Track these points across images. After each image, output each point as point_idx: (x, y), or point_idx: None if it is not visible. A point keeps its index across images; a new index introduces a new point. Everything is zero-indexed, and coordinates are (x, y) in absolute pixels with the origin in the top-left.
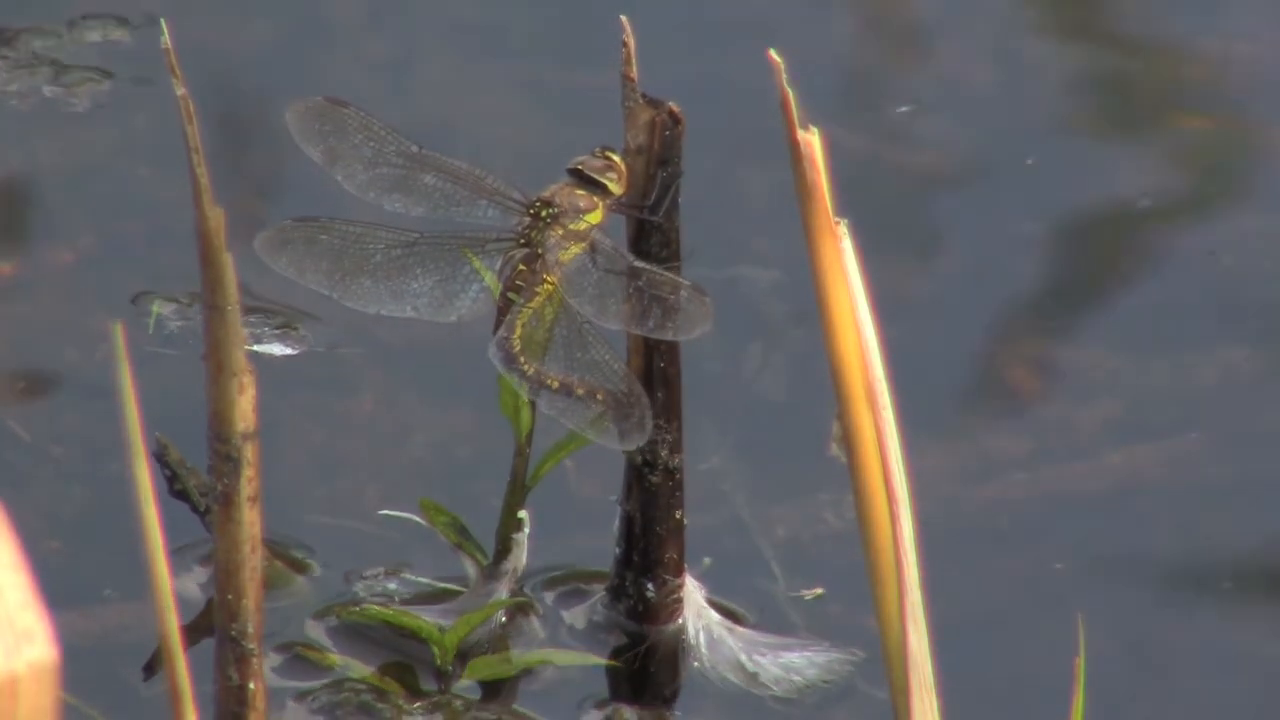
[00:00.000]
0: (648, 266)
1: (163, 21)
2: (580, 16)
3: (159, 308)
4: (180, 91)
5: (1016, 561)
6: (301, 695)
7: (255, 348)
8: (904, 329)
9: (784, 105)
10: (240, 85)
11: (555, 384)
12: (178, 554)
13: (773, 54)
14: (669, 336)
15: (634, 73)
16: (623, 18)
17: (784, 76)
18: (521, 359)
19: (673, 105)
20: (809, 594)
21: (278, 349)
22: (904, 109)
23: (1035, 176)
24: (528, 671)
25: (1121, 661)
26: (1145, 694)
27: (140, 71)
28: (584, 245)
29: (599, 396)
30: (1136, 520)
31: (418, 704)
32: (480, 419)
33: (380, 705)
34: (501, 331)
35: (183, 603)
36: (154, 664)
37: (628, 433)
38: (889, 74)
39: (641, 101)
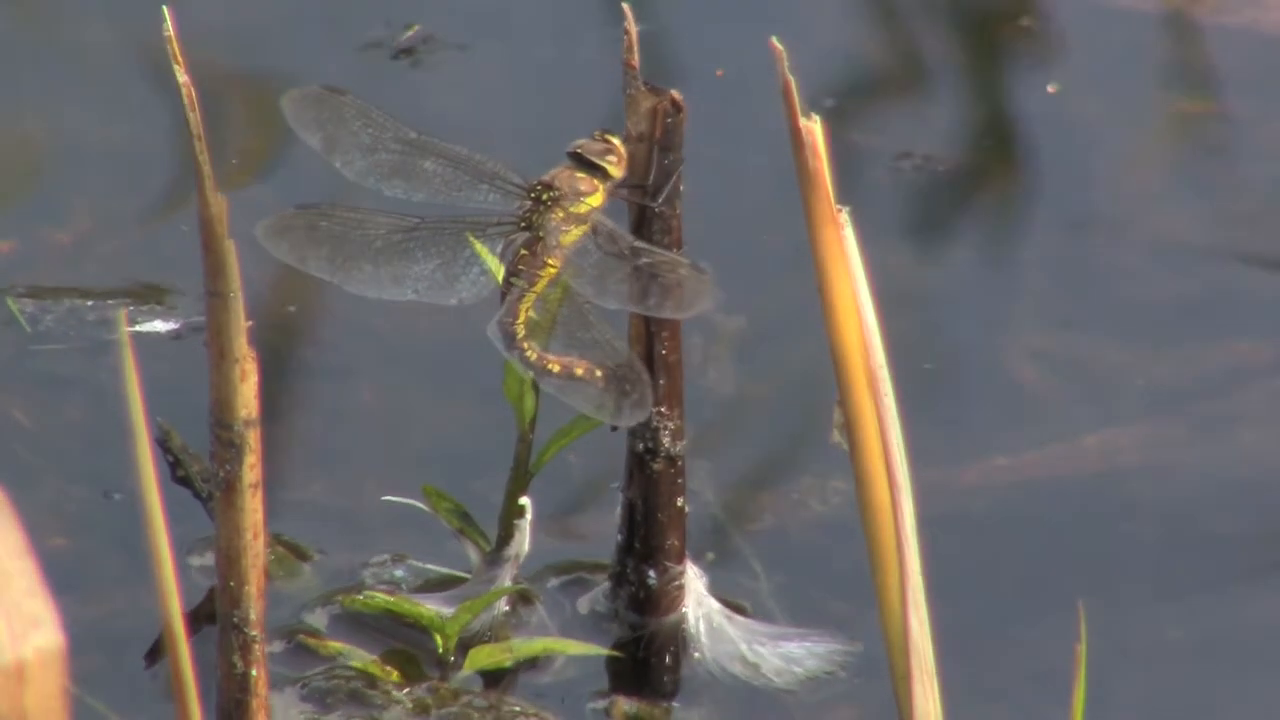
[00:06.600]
0: (648, 246)
1: (165, 9)
2: (579, 4)
3: (15, 304)
4: (183, 79)
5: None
6: (293, 681)
7: (137, 328)
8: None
9: (785, 93)
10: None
11: (557, 366)
12: (180, 540)
13: (775, 42)
14: (670, 314)
15: (635, 60)
16: (625, 5)
17: (785, 64)
18: (524, 342)
19: (674, 93)
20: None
21: (159, 325)
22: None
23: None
24: (529, 660)
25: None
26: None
27: None
28: (585, 228)
29: (599, 375)
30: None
31: (408, 690)
32: (483, 407)
33: (370, 692)
34: (502, 314)
35: (185, 589)
36: (156, 650)
37: (627, 409)
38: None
39: (643, 89)
